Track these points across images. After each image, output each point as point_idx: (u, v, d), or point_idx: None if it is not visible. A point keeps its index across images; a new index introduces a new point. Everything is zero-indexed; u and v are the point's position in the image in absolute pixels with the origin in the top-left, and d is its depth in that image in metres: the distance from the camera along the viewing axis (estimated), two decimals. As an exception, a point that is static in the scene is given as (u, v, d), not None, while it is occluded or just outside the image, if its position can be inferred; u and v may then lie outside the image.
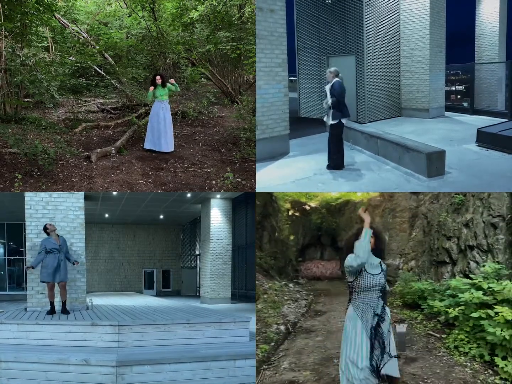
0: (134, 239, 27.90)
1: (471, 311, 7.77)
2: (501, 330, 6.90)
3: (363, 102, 17.48)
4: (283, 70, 12.26)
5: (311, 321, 12.05)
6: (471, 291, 8.01)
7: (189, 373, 7.48)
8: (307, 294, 17.05)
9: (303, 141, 14.56)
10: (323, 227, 25.69)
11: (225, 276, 19.32)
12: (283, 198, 23.56)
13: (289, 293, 16.10)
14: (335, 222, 25.55)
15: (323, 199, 26.80)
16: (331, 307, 14.21)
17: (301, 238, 25.30)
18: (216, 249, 19.24)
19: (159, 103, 12.27)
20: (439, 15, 18.30)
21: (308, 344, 9.50)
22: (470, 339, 7.81)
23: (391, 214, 18.72)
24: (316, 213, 25.66)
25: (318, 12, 18.59)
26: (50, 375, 7.28)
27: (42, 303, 10.62)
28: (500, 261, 8.64)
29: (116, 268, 27.57)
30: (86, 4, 20.08)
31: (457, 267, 10.29)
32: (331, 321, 11.89)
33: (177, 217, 24.99)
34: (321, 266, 25.69)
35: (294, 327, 11.03)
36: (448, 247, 10.69)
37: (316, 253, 26.40)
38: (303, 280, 22.75)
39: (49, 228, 10.11)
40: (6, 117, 13.74)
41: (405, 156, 11.21)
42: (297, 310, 13.03)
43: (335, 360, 8.01)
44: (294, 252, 23.84)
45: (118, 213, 22.79)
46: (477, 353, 7.38)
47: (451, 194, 11.61)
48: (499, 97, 19.60)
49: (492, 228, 9.27)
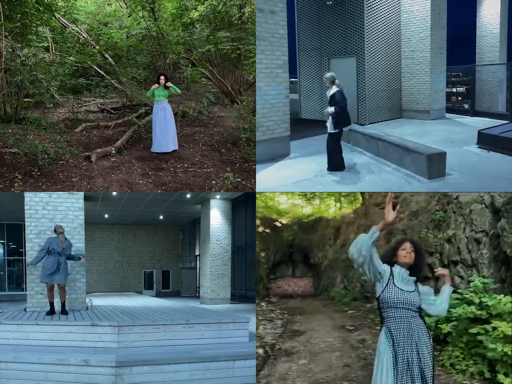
0: (133, 239, 27.88)
1: (464, 326, 7.62)
2: (502, 346, 6.72)
3: (364, 104, 17.46)
4: (284, 71, 12.24)
5: (290, 342, 11.40)
6: (463, 306, 7.84)
7: (188, 373, 7.48)
8: (281, 313, 16.66)
9: (303, 143, 14.53)
10: (295, 244, 25.34)
11: (225, 276, 19.31)
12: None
13: (262, 312, 15.77)
14: (308, 239, 25.24)
15: (294, 216, 26.68)
16: (308, 326, 13.66)
17: (272, 255, 24.72)
18: (215, 249, 19.23)
19: (158, 104, 12.26)
20: (440, 17, 18.28)
21: (291, 368, 8.88)
22: (465, 356, 7.58)
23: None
24: (288, 230, 25.35)
25: (319, 14, 18.58)
26: (50, 375, 7.28)
27: (41, 304, 10.62)
28: (485, 276, 8.63)
29: (116, 269, 27.56)
30: (86, 4, 20.07)
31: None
32: (312, 341, 11.24)
33: (177, 218, 24.98)
34: (293, 284, 25.38)
35: (273, 350, 10.42)
36: (430, 262, 10.64)
37: (287, 271, 26.00)
38: (275, 298, 22.46)
39: (56, 230, 10.13)
40: (6, 117, 13.72)
41: (405, 158, 11.19)
42: (273, 331, 12.60)
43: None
44: (265, 269, 23.22)
45: (118, 214, 22.78)
46: (476, 370, 7.16)
47: (431, 211, 11.63)
48: (500, 99, 19.59)
49: (476, 243, 9.30)
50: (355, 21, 17.16)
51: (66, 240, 10.20)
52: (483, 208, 9.37)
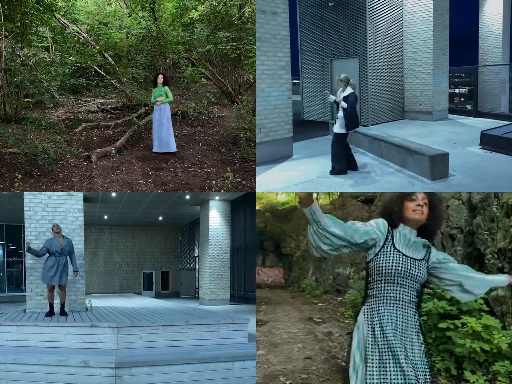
0: (133, 240, 27.86)
1: (433, 321, 7.45)
2: (470, 342, 6.56)
3: (367, 105, 17.41)
4: (286, 73, 12.19)
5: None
6: (434, 300, 7.65)
7: (187, 374, 7.45)
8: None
9: (306, 144, 14.49)
10: (266, 232, 24.93)
11: (224, 277, 19.27)
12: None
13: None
14: (280, 227, 24.85)
15: (267, 202, 25.96)
16: (273, 316, 13.36)
17: None
18: (214, 250, 19.18)
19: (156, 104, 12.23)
20: (443, 17, 18.25)
21: None
22: (433, 352, 7.29)
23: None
24: (259, 217, 24.40)
25: (321, 15, 18.55)
26: (49, 377, 7.25)
27: (41, 305, 10.58)
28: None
29: (115, 270, 27.54)
30: (86, 4, 20.06)
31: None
32: (275, 332, 11.03)
33: (176, 219, 24.94)
34: (262, 273, 24.95)
35: None
36: None
37: (257, 259, 25.28)
38: None
39: (53, 229, 10.08)
40: (6, 117, 13.71)
41: (408, 159, 11.13)
42: None
43: (282, 378, 7.33)
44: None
45: (117, 215, 22.75)
46: (443, 366, 6.91)
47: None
48: (503, 100, 19.57)
49: (450, 239, 9.29)
50: (357, 22, 17.11)
51: (64, 238, 10.12)
52: (459, 205, 9.38)
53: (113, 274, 27.48)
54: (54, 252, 9.90)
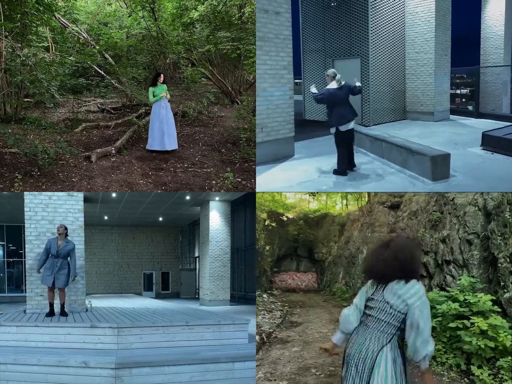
0: (133, 241, 27.85)
1: (448, 322, 7.99)
2: (476, 340, 7.16)
3: (368, 105, 17.40)
4: (288, 72, 12.19)
5: (286, 331, 12.18)
6: (448, 303, 8.23)
7: (188, 375, 7.44)
8: (282, 305, 17.23)
9: (308, 144, 14.48)
10: (300, 239, 26.00)
11: (224, 278, 19.24)
12: (259, 208, 23.39)
13: (263, 303, 16.38)
14: (313, 234, 25.89)
15: (301, 210, 27.08)
16: (307, 318, 14.30)
17: (277, 249, 25.40)
18: (215, 251, 19.16)
19: (160, 102, 12.19)
20: (445, 18, 18.24)
21: (284, 354, 9.54)
22: (447, 350, 8.00)
23: (370, 229, 18.78)
24: (294, 225, 25.84)
25: (324, 15, 18.55)
26: (50, 377, 7.24)
27: (41, 305, 10.56)
28: (474, 276, 8.91)
29: (115, 270, 27.53)
30: (86, 4, 20.06)
31: (434, 280, 10.52)
32: (308, 332, 11.95)
33: (176, 219, 24.94)
34: (296, 278, 26.01)
35: (269, 338, 11.13)
36: (425, 261, 10.92)
37: (292, 265, 26.84)
38: (277, 291, 22.75)
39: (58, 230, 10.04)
40: (6, 117, 13.70)
41: (409, 159, 11.11)
42: (271, 321, 13.18)
43: (313, 370, 8.22)
44: (269, 262, 23.78)
45: (117, 215, 22.73)
46: (454, 362, 7.65)
47: (429, 211, 11.75)
48: (504, 101, 19.57)
49: (468, 244, 9.51)
50: (359, 22, 17.10)
51: (64, 241, 10.03)
52: (476, 211, 9.53)
53: (113, 274, 27.47)
54: (52, 254, 9.88)
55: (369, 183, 10.64)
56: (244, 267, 20.47)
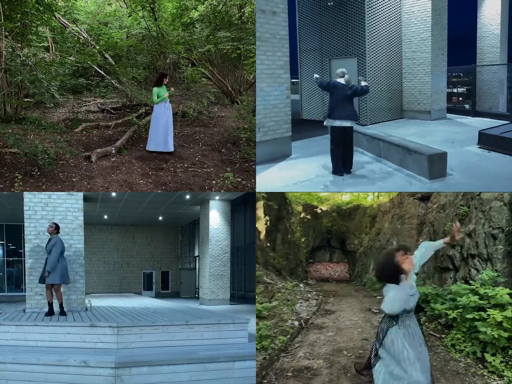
0: (133, 240, 27.87)
1: (467, 313, 8.27)
2: (491, 330, 7.49)
3: (365, 104, 17.45)
4: (285, 72, 12.23)
5: (321, 318, 12.72)
6: (469, 295, 8.51)
7: (187, 374, 7.44)
8: (317, 294, 17.63)
9: (305, 143, 14.53)
10: (333, 231, 26.68)
11: (224, 277, 19.28)
12: (295, 201, 23.99)
13: (300, 292, 16.89)
14: (345, 226, 26.50)
15: (334, 203, 27.65)
16: (339, 307, 14.90)
17: (312, 241, 26.20)
18: (215, 250, 19.19)
19: (164, 103, 12.21)
20: (441, 17, 18.29)
21: (320, 338, 10.18)
22: (466, 339, 8.39)
23: (400, 221, 18.88)
24: (327, 217, 26.59)
25: (320, 15, 18.59)
26: (49, 376, 7.24)
27: (41, 305, 10.58)
28: (498, 270, 9.04)
29: (115, 270, 27.55)
30: (86, 4, 20.04)
31: (459, 273, 10.60)
32: (340, 319, 12.52)
33: (176, 219, 24.97)
34: (329, 268, 26.64)
35: (307, 323, 11.69)
36: (451, 254, 10.98)
37: (325, 256, 27.51)
38: (312, 281, 23.25)
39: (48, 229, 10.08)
40: (6, 117, 13.71)
41: (407, 158, 11.17)
42: (308, 309, 13.82)
43: (344, 352, 8.86)
44: (304, 253, 24.66)
45: (117, 215, 22.76)
46: (471, 350, 7.98)
47: (457, 205, 11.72)
48: (501, 99, 19.61)
49: (492, 238, 9.57)
50: (356, 22, 17.15)
51: (52, 239, 9.99)
52: (501, 206, 9.55)
53: (113, 274, 27.49)
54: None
55: (367, 183, 10.68)
56: (244, 266, 20.50)
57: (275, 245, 20.33)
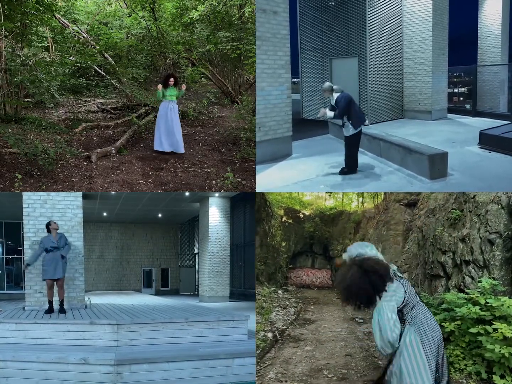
0: (132, 237, 27.82)
1: (467, 326, 7.53)
2: (500, 348, 6.68)
3: (366, 104, 17.45)
4: (286, 71, 12.21)
5: (299, 329, 12.08)
6: (468, 306, 7.72)
7: (187, 371, 7.49)
8: (296, 301, 17.23)
9: (305, 143, 14.53)
10: (315, 236, 26.18)
11: (224, 274, 19.25)
12: (277, 205, 23.82)
13: (278, 299, 16.31)
14: (328, 231, 26.07)
15: (317, 207, 27.44)
16: (320, 316, 14.34)
17: (293, 245, 25.84)
18: (214, 247, 19.18)
19: (167, 103, 12.19)
20: (442, 17, 18.29)
21: (296, 353, 9.37)
22: (465, 355, 7.51)
23: (386, 227, 18.80)
24: (310, 221, 26.09)
25: (321, 14, 18.59)
26: (49, 374, 7.28)
27: (40, 302, 10.57)
28: (495, 277, 8.50)
29: (115, 267, 27.50)
30: (86, 4, 20.08)
31: (451, 281, 10.12)
32: (321, 330, 11.91)
33: (176, 216, 24.94)
34: (311, 274, 26.36)
35: (282, 335, 10.99)
36: (443, 261, 10.57)
37: (307, 261, 27.02)
38: (292, 287, 23.05)
39: (52, 225, 10.07)
40: (6, 117, 13.74)
41: (407, 158, 11.18)
42: (285, 318, 13.13)
43: (325, 372, 7.94)
44: (285, 258, 24.03)
45: (117, 212, 22.75)
46: (474, 370, 7.14)
47: (448, 209, 11.55)
48: (502, 99, 19.58)
49: (489, 244, 9.09)
50: (357, 21, 17.16)
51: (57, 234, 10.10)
52: (499, 209, 9.16)
53: (113, 271, 27.45)
54: (52, 249, 9.92)
55: (367, 183, 10.67)
56: (243, 264, 20.52)
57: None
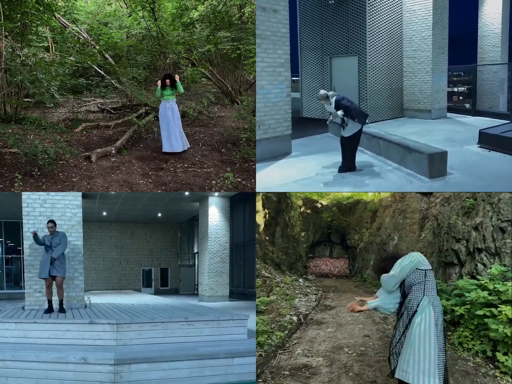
0: (132, 237, 27.81)
1: (476, 309, 7.99)
2: (503, 327, 7.19)
3: (365, 103, 17.45)
4: (285, 70, 12.22)
5: (321, 314, 12.78)
6: (477, 291, 8.21)
7: (187, 371, 7.49)
8: (316, 289, 17.58)
9: (305, 141, 14.54)
10: (333, 225, 26.55)
11: (223, 274, 19.23)
12: (295, 195, 23.87)
13: (299, 287, 16.85)
14: (345, 221, 26.37)
15: (334, 197, 27.48)
16: (339, 302, 14.94)
17: (312, 235, 26.14)
18: (214, 247, 19.16)
19: (165, 103, 12.23)
20: (442, 16, 18.28)
21: (319, 334, 10.13)
22: (474, 336, 8.10)
23: (402, 215, 18.83)
24: (327, 211, 26.46)
25: (321, 13, 18.58)
26: (49, 373, 7.28)
27: (40, 302, 10.57)
28: (506, 264, 8.75)
29: (114, 267, 27.49)
30: (86, 4, 20.09)
31: (465, 268, 10.34)
32: (341, 315, 12.55)
33: (175, 215, 24.94)
34: (329, 264, 26.63)
35: (306, 319, 11.69)
36: (457, 249, 10.77)
37: (325, 251, 27.36)
38: (312, 276, 23.26)
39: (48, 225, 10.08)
40: (6, 117, 13.74)
41: (407, 157, 11.19)
42: (307, 304, 13.78)
43: (345, 349, 8.73)
44: (304, 248, 24.54)
45: (116, 212, 22.75)
46: (480, 349, 7.73)
47: (462, 197, 11.62)
48: (501, 99, 19.57)
49: (501, 232, 9.30)
50: (357, 20, 17.16)
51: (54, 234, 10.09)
52: (511, 198, 9.35)
53: (112, 271, 27.44)
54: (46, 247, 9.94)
55: (367, 181, 10.69)
56: (243, 263, 20.54)
57: (274, 239, 20.27)
